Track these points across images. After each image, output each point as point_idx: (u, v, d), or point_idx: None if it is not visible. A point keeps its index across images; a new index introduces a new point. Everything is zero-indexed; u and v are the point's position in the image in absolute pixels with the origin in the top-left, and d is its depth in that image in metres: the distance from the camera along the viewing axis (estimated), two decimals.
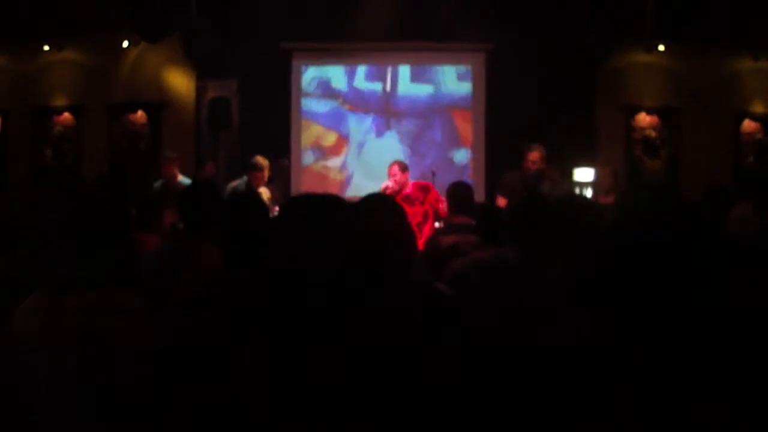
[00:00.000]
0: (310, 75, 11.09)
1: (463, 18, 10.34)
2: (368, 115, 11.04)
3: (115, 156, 11.30)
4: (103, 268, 2.62)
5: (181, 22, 9.85)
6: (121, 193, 8.65)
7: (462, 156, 11.05)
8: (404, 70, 11.05)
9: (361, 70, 11.08)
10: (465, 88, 11.07)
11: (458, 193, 6.11)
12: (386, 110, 11.04)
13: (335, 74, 11.10)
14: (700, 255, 2.19)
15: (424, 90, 11.06)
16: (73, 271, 2.59)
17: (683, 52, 10.89)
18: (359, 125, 11.05)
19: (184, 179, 8.51)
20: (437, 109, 11.04)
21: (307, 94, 11.06)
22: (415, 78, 11.08)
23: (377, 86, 11.08)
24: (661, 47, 10.75)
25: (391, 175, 8.30)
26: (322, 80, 11.10)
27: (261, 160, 8.29)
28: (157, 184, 8.47)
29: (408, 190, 8.26)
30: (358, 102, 11.04)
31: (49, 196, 7.82)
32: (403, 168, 8.38)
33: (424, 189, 8.36)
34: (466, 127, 11.06)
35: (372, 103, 11.05)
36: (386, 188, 8.19)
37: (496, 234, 4.43)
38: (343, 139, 11.04)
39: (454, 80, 11.10)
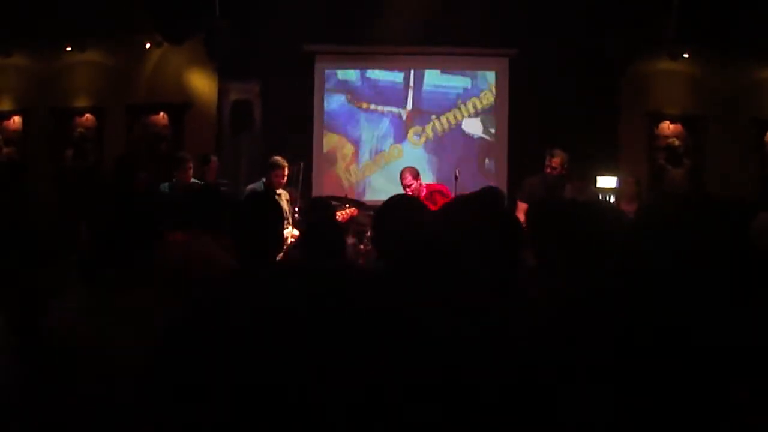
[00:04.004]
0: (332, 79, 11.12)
1: (488, 24, 10.31)
2: (386, 116, 11.04)
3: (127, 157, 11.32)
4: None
5: (204, 24, 9.86)
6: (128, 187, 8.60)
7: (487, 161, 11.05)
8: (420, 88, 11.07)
9: (375, 77, 11.12)
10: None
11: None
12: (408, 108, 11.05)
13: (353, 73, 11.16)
14: (725, 263, 2.16)
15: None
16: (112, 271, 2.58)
17: (707, 60, 10.82)
18: (377, 127, 11.05)
19: (196, 182, 8.47)
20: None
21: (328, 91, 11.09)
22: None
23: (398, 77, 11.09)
24: (686, 55, 10.69)
25: (406, 185, 8.27)
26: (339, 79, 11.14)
27: (280, 159, 8.26)
28: (164, 186, 8.43)
29: (422, 194, 8.25)
30: (376, 98, 11.05)
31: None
32: (415, 174, 8.39)
33: (436, 192, 8.35)
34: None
35: (392, 99, 11.06)
36: None
37: None
38: (360, 143, 11.06)
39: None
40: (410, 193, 8.11)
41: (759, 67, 10.99)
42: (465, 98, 11.05)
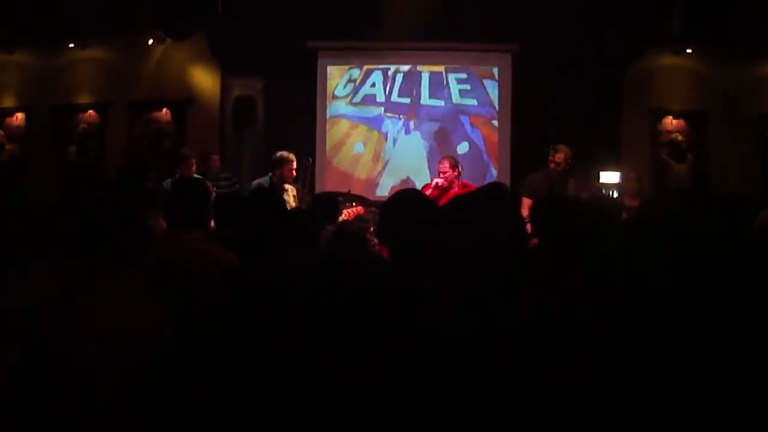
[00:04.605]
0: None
1: (490, 20, 10.31)
2: (389, 113, 11.07)
3: (137, 154, 11.33)
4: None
5: (207, 20, 9.86)
6: (138, 184, 8.62)
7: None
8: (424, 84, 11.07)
9: (378, 75, 11.13)
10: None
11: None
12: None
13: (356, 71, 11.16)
14: (728, 259, 2.16)
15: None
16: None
17: (710, 56, 10.81)
18: (381, 124, 11.08)
19: (198, 177, 8.45)
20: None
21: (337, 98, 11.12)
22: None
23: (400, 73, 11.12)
24: (689, 50, 10.68)
25: (441, 171, 8.00)
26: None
27: (288, 153, 8.24)
28: (167, 182, 8.43)
29: (456, 188, 7.91)
30: (379, 95, 11.11)
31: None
32: (454, 165, 8.05)
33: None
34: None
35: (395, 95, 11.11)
36: (436, 185, 7.94)
37: None
38: (364, 139, 11.07)
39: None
40: (442, 181, 7.91)
41: (762, 63, 10.97)
42: (468, 94, 11.03)
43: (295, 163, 8.25)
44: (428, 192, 7.64)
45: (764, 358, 1.91)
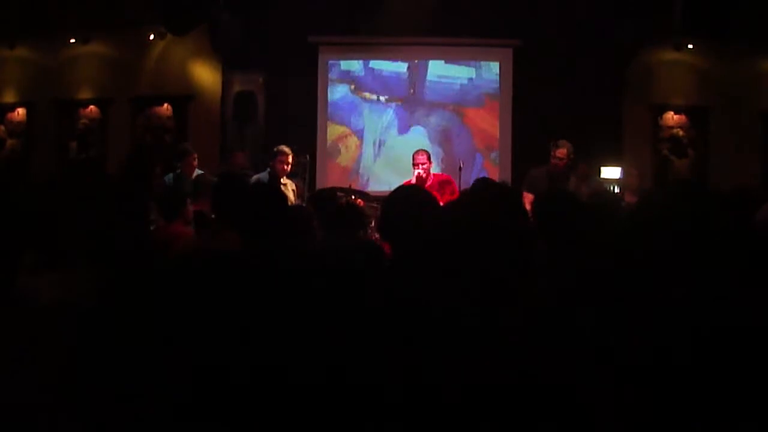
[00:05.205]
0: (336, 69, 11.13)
1: (492, 14, 10.30)
2: (390, 107, 11.06)
3: (141, 149, 11.33)
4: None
5: (208, 15, 9.85)
6: (142, 178, 8.62)
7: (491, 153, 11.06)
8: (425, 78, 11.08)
9: (379, 69, 11.13)
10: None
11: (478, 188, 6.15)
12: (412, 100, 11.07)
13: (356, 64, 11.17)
14: (728, 252, 2.16)
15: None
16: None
17: (712, 51, 10.81)
18: (381, 118, 11.06)
19: (199, 172, 8.46)
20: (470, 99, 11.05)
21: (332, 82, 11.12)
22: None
23: (401, 67, 11.10)
24: (690, 46, 10.68)
25: (419, 163, 8.25)
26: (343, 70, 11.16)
27: (282, 147, 8.29)
28: (169, 176, 8.44)
29: (430, 181, 8.24)
30: (380, 89, 11.07)
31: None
32: (429, 157, 8.40)
33: (445, 182, 8.33)
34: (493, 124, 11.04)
35: (396, 90, 11.10)
36: (418, 176, 8.16)
37: None
38: (364, 134, 11.08)
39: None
40: (421, 172, 8.17)
41: (763, 58, 10.96)
42: (469, 89, 11.02)
43: (289, 157, 8.27)
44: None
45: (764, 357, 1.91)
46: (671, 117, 11.21)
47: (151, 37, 11.02)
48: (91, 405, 2.11)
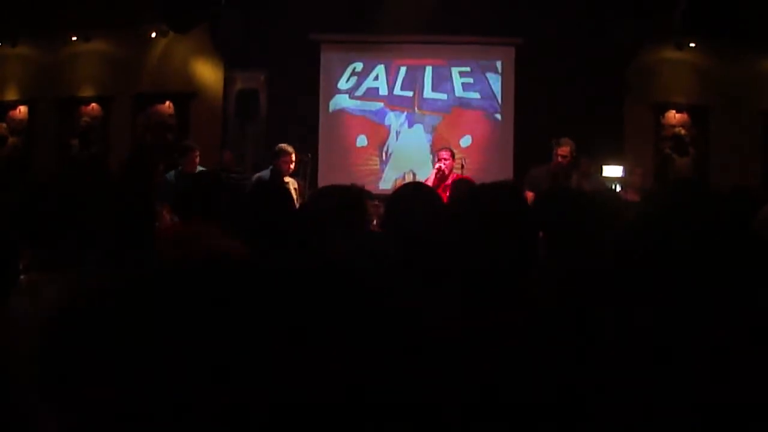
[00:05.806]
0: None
1: (493, 13, 10.30)
2: (393, 106, 11.07)
3: (144, 146, 11.34)
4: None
5: (210, 13, 9.85)
6: (143, 177, 8.61)
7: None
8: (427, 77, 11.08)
9: (381, 68, 11.12)
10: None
11: (460, 188, 6.25)
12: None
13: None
14: (727, 250, 2.16)
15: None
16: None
17: (714, 50, 10.81)
18: (385, 117, 11.09)
19: (201, 169, 8.44)
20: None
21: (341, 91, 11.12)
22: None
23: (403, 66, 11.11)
24: (692, 45, 10.68)
25: (442, 158, 8.18)
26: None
27: (286, 146, 8.25)
28: (170, 174, 8.43)
29: (450, 179, 8.09)
30: (382, 88, 11.12)
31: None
32: (453, 155, 8.34)
33: (464, 182, 8.30)
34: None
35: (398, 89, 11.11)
36: (438, 170, 8.11)
37: None
38: (368, 133, 11.08)
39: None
40: (442, 166, 8.12)
41: (765, 58, 10.97)
42: (471, 88, 11.02)
43: (293, 156, 8.24)
44: (430, 181, 7.74)
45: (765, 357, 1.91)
46: (673, 115, 11.22)
47: (153, 34, 11.03)
48: (90, 405, 2.10)
